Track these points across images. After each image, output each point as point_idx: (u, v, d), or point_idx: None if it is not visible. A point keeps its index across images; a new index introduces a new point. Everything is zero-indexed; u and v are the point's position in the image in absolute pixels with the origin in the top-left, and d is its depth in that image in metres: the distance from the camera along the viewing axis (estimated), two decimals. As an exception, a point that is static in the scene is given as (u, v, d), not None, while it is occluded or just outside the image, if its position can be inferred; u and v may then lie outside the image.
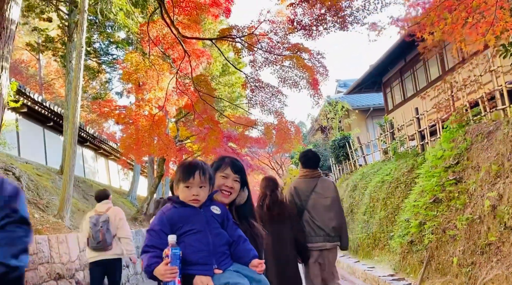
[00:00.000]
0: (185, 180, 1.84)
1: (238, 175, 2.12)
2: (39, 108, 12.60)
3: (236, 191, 2.12)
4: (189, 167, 1.88)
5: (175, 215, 1.82)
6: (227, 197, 2.09)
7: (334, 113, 18.47)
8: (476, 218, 5.17)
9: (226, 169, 2.11)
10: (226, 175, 2.10)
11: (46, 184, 10.92)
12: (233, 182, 2.10)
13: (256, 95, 8.57)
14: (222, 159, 2.18)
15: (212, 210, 1.89)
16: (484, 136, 5.93)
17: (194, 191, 1.83)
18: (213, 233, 1.81)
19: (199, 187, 1.85)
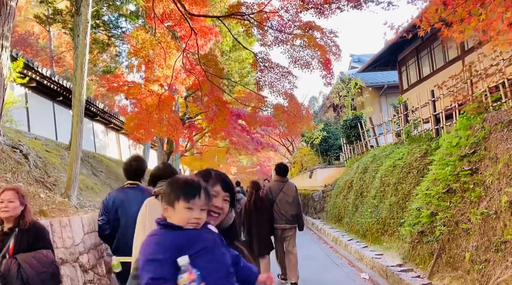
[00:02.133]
0: (188, 200, 1.56)
1: (228, 193, 1.83)
2: (48, 83, 12.50)
3: (225, 213, 1.83)
4: (193, 185, 1.61)
5: (179, 237, 1.53)
6: (216, 220, 1.78)
7: (346, 91, 18.02)
8: (492, 213, 4.93)
9: (215, 185, 1.81)
10: (215, 193, 1.78)
11: (55, 161, 10.90)
12: (223, 202, 1.81)
13: (265, 76, 8.25)
14: (208, 174, 1.86)
15: (211, 228, 1.67)
16: (504, 126, 5.61)
17: (196, 214, 1.57)
18: (221, 250, 1.61)
19: (201, 209, 1.60)
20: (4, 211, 3.08)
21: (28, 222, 3.16)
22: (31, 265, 3.01)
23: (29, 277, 2.95)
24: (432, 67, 12.57)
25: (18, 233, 3.10)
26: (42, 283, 3.02)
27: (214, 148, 22.82)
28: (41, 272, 3.03)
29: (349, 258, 8.48)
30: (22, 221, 3.13)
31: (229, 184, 1.86)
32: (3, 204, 3.08)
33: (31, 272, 2.98)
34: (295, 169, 22.29)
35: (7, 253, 3.03)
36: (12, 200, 3.10)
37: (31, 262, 3.02)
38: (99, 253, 7.06)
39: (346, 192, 12.24)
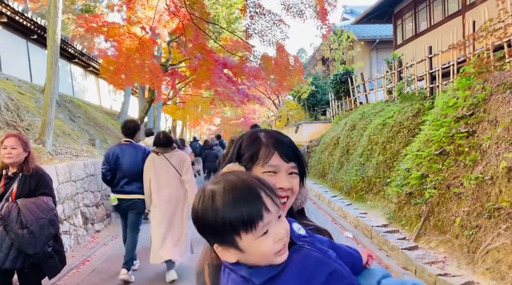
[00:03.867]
0: (254, 225, 0.87)
1: (294, 162, 1.15)
2: (20, 19, 11.60)
3: (296, 191, 1.17)
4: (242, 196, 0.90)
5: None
6: (284, 207, 1.12)
7: (338, 43, 17.39)
8: (487, 179, 4.73)
9: (271, 157, 1.13)
10: (274, 167, 1.12)
11: (29, 104, 10.30)
12: (289, 178, 1.13)
13: (255, 23, 7.65)
14: (257, 140, 1.16)
15: (300, 232, 1.01)
16: (507, 87, 5.31)
17: (279, 230, 0.90)
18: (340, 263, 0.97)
19: (278, 217, 0.92)
20: (7, 157, 3.16)
21: (32, 168, 3.23)
22: (30, 210, 3.12)
23: (28, 221, 3.06)
24: (430, 22, 12.04)
25: (22, 178, 3.20)
26: (40, 228, 3.12)
27: (198, 98, 22.16)
28: (39, 218, 3.14)
29: (332, 215, 8.40)
30: (26, 166, 3.21)
31: (292, 148, 1.17)
32: (6, 150, 3.15)
33: (31, 217, 3.09)
34: (281, 123, 22.01)
35: (10, 196, 3.15)
36: (15, 147, 3.16)
37: (31, 207, 3.13)
38: (75, 203, 6.76)
39: (332, 148, 12.06)
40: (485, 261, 4.28)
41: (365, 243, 6.24)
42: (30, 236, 3.07)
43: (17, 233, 3.05)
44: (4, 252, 3.07)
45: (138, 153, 5.18)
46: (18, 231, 3.05)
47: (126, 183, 5.06)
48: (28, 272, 3.20)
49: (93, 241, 6.90)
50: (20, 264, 3.11)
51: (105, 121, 15.74)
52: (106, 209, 8.20)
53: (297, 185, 1.16)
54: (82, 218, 6.96)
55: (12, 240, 3.06)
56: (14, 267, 3.12)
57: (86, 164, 7.79)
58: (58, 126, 10.32)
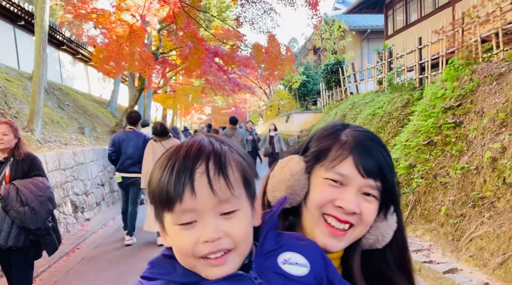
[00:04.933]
0: (171, 205, 0.64)
1: (374, 180, 0.81)
2: (6, 4, 11.38)
3: (368, 222, 0.83)
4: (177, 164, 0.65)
5: None
6: (341, 235, 0.82)
7: (329, 33, 17.38)
8: (472, 168, 4.83)
9: (343, 160, 0.82)
10: (340, 177, 0.81)
11: (16, 91, 10.17)
12: (361, 198, 0.81)
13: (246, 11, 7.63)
14: (334, 133, 0.88)
15: (284, 267, 0.71)
16: (494, 79, 5.39)
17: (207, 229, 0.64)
18: None
19: (220, 213, 0.65)
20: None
21: (23, 153, 3.37)
22: (29, 189, 3.26)
23: (28, 199, 3.21)
24: (421, 12, 12.08)
25: (13, 162, 3.33)
26: (41, 205, 3.28)
27: (189, 86, 22.02)
28: (38, 195, 3.29)
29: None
30: (17, 152, 3.35)
31: (378, 160, 0.82)
32: None
33: (30, 195, 3.24)
34: (272, 112, 22.02)
35: (4, 180, 3.28)
36: (6, 133, 3.29)
37: (29, 187, 3.28)
38: (64, 192, 6.74)
39: (321, 138, 12.14)
40: (468, 248, 4.39)
41: (353, 231, 6.34)
42: (32, 213, 3.22)
43: (19, 211, 3.18)
44: (6, 231, 3.20)
45: (140, 138, 6.13)
46: (20, 209, 3.18)
47: (129, 164, 6.01)
48: (26, 250, 3.33)
49: (83, 229, 6.90)
50: (22, 242, 3.25)
51: (95, 110, 15.60)
52: (96, 197, 8.19)
53: (370, 213, 0.82)
54: (72, 207, 6.94)
55: (13, 218, 3.20)
56: (17, 245, 3.24)
57: (76, 152, 7.75)
58: (47, 114, 10.22)
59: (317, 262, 0.73)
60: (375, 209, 0.82)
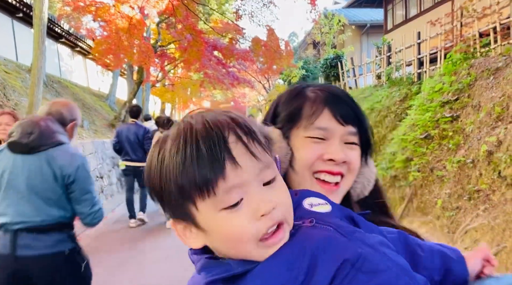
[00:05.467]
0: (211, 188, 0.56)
1: (353, 126, 0.85)
2: (5, -4, 11.37)
3: (355, 169, 0.85)
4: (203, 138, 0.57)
5: (273, 273, 0.57)
6: (335, 189, 0.83)
7: (329, 27, 17.36)
8: (468, 162, 4.87)
9: (320, 115, 0.83)
10: (322, 131, 0.83)
11: (15, 83, 10.19)
12: (344, 148, 0.83)
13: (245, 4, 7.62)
14: (300, 93, 0.88)
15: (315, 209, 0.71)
16: (491, 73, 5.42)
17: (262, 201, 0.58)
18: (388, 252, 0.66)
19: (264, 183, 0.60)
20: (2, 133, 3.40)
21: None
22: None
23: None
24: (420, 7, 12.08)
25: None
26: None
27: (188, 80, 22.01)
28: None
29: (319, 197, 8.55)
30: None
31: (351, 105, 0.87)
32: (1, 126, 3.41)
33: None
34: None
35: None
36: (9, 123, 3.37)
37: None
38: (63, 183, 6.78)
39: (320, 132, 12.18)
40: (463, 240, 4.44)
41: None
42: None
43: None
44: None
45: (140, 130, 6.85)
46: None
47: (131, 153, 6.69)
48: None
49: (82, 221, 6.94)
50: None
51: (93, 103, 15.61)
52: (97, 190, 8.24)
53: (356, 160, 0.84)
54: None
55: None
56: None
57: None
58: (46, 107, 10.23)
59: (331, 202, 0.73)
60: (359, 155, 0.85)
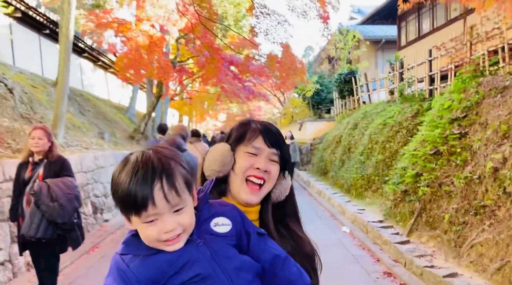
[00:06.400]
0: (139, 212, 0.91)
1: (276, 150, 1.24)
2: (33, 14, 11.95)
3: (273, 179, 1.24)
4: (136, 179, 0.91)
5: (148, 267, 0.95)
6: (258, 191, 1.21)
7: (344, 43, 17.60)
8: (475, 178, 5.01)
9: (255, 139, 1.23)
10: (255, 149, 1.22)
11: (41, 97, 10.65)
12: (268, 162, 1.22)
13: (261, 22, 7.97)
14: (247, 124, 1.29)
15: (215, 228, 1.03)
16: (498, 91, 5.57)
17: (166, 225, 0.92)
18: (231, 270, 0.99)
19: (174, 211, 0.94)
20: (35, 146, 3.68)
21: (55, 155, 3.76)
22: (59, 187, 3.61)
23: (57, 196, 3.55)
24: (432, 24, 12.25)
25: (47, 163, 3.70)
26: (68, 201, 3.63)
27: (205, 94, 22.47)
28: (67, 193, 3.63)
29: (331, 211, 8.69)
30: (50, 154, 3.72)
31: (276, 135, 1.27)
32: (34, 140, 3.67)
33: (60, 192, 3.58)
34: (285, 120, 22.28)
35: (37, 178, 3.66)
36: (41, 138, 3.67)
37: (59, 185, 3.62)
38: (85, 193, 7.11)
39: (334, 146, 12.33)
40: (469, 255, 4.57)
41: (361, 237, 6.54)
42: (60, 208, 3.56)
43: (49, 205, 3.52)
44: (36, 223, 3.53)
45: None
46: (50, 204, 3.52)
47: None
48: (54, 242, 3.65)
49: (102, 230, 7.25)
50: (50, 235, 3.57)
51: (114, 116, 16.10)
52: (114, 200, 8.55)
53: (275, 172, 1.23)
54: (92, 208, 7.31)
55: (43, 212, 3.52)
56: (45, 237, 3.56)
57: (96, 156, 8.13)
58: (69, 120, 10.66)
59: (236, 220, 1.07)
60: (277, 169, 1.25)
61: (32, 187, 3.65)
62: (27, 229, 3.56)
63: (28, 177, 3.72)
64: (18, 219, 3.79)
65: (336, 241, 6.57)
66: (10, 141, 6.60)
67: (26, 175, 3.76)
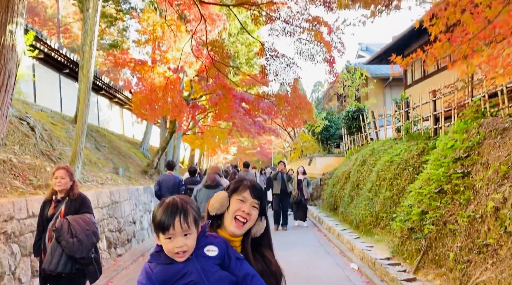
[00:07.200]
0: (164, 231, 1.56)
1: (257, 201, 1.86)
2: (55, 55, 12.60)
3: (253, 220, 1.85)
4: (166, 212, 1.57)
5: (163, 272, 1.58)
6: (241, 227, 1.82)
7: (351, 81, 18.07)
8: (478, 217, 5.16)
9: (244, 192, 1.85)
10: (243, 198, 1.84)
11: (60, 134, 11.09)
12: (251, 208, 1.83)
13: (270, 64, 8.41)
14: (241, 181, 1.94)
15: (207, 252, 1.64)
16: (498, 133, 5.79)
17: (178, 242, 1.56)
18: (214, 280, 1.60)
19: (184, 235, 1.57)
20: (58, 185, 3.97)
21: (76, 193, 4.05)
22: (78, 224, 3.88)
23: (77, 232, 3.81)
24: (437, 65, 12.63)
25: (68, 201, 3.99)
26: (87, 237, 3.88)
27: (216, 128, 22.98)
28: (86, 229, 3.90)
29: (341, 247, 8.78)
30: (71, 192, 4.01)
31: (259, 192, 1.89)
32: (57, 179, 3.96)
33: (79, 229, 3.84)
34: (295, 154, 22.53)
35: (59, 215, 3.93)
36: (63, 177, 3.97)
37: (78, 221, 3.90)
38: (101, 228, 7.36)
39: (343, 182, 12.49)
40: (473, 293, 4.67)
41: (369, 274, 6.63)
42: (78, 243, 3.81)
43: (68, 241, 3.77)
44: (57, 258, 3.77)
45: (176, 179, 8.80)
46: (69, 240, 3.78)
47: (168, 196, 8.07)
48: (73, 276, 3.87)
49: (115, 264, 7.44)
50: (69, 269, 3.80)
51: (128, 150, 16.53)
52: (128, 234, 8.78)
53: (255, 215, 1.86)
54: (106, 242, 7.54)
55: (63, 247, 3.78)
56: (64, 271, 3.79)
57: (112, 192, 8.43)
58: (85, 155, 11.04)
59: (222, 247, 1.68)
60: (257, 214, 1.87)
61: (54, 223, 3.92)
62: (48, 263, 3.80)
63: (51, 214, 4.01)
64: (40, 254, 4.05)
65: (344, 277, 6.66)
66: (32, 178, 6.93)
67: (49, 212, 4.05)
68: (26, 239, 5.11)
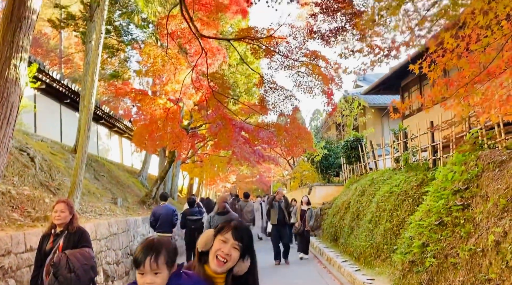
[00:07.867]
0: (138, 267, 1.75)
1: (238, 242, 1.95)
2: (57, 85, 12.76)
3: (233, 260, 1.94)
4: (142, 250, 1.75)
5: None
6: (222, 265, 1.93)
7: (349, 110, 18.28)
8: (479, 251, 5.12)
9: (227, 233, 1.96)
10: (225, 239, 1.94)
11: (59, 164, 11.10)
12: (231, 249, 1.93)
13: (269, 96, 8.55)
14: (227, 223, 2.04)
15: None
16: (496, 166, 5.82)
17: (147, 279, 1.73)
18: None
19: (154, 273, 1.73)
20: (57, 219, 3.97)
21: (75, 227, 4.05)
22: (77, 258, 3.86)
23: (75, 267, 3.79)
24: (434, 95, 12.79)
25: (67, 235, 3.98)
26: (84, 272, 3.87)
27: (216, 157, 22.99)
28: (84, 263, 3.88)
29: (341, 280, 8.65)
30: (71, 226, 4.02)
31: (240, 233, 1.99)
32: (57, 213, 3.97)
33: (77, 263, 3.82)
34: (295, 183, 22.47)
35: (57, 249, 3.91)
36: (63, 211, 3.98)
37: (76, 256, 3.87)
38: (98, 261, 7.25)
39: (343, 212, 12.43)
40: (477, 330, 4.58)
41: (370, 309, 6.51)
42: (76, 278, 3.79)
43: (66, 277, 3.75)
44: None
45: (169, 210, 9.35)
46: (67, 275, 3.76)
47: (163, 227, 9.15)
48: None
49: (112, 298, 7.30)
50: None
51: (126, 180, 16.49)
52: (125, 267, 8.65)
53: (235, 256, 1.96)
54: (104, 275, 7.42)
55: (61, 283, 3.75)
56: None
57: (110, 223, 8.36)
58: (84, 185, 11.00)
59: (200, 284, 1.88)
60: (238, 254, 1.96)
61: (52, 258, 3.90)
62: None
63: (49, 248, 3.99)
64: None
65: (345, 312, 6.54)
66: (30, 210, 6.89)
67: (47, 246, 4.04)
68: (23, 273, 5.04)
